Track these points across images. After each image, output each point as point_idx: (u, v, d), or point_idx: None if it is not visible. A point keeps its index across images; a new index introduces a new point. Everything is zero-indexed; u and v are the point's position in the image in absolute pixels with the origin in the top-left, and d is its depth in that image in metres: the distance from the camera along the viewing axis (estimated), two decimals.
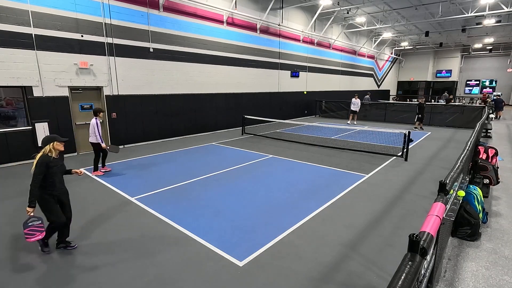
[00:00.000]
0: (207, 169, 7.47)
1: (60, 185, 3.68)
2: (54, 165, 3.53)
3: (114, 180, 6.60)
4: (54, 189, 3.58)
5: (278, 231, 4.30)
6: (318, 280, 3.24)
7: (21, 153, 8.05)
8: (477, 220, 4.12)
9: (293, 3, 16.30)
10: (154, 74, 10.83)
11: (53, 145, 3.54)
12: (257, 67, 15.19)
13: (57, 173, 3.58)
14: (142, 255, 3.70)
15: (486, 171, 5.53)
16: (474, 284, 3.25)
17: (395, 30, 24.48)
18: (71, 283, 3.18)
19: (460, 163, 3.53)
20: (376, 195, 5.77)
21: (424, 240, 1.76)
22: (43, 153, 3.50)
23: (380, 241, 4.04)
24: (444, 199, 2.51)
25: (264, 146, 10.49)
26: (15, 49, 7.62)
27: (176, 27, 11.22)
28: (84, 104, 9.23)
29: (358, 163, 8.17)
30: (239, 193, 5.83)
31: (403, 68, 36.01)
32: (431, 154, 9.25)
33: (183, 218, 4.73)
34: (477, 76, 34.20)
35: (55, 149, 3.57)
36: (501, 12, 15.52)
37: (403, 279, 1.43)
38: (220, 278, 3.27)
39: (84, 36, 8.85)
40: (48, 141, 3.52)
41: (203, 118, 12.90)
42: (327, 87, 21.64)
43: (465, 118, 15.91)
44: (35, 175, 3.40)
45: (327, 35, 20.08)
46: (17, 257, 3.67)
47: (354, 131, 13.72)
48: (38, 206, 3.53)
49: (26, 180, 6.62)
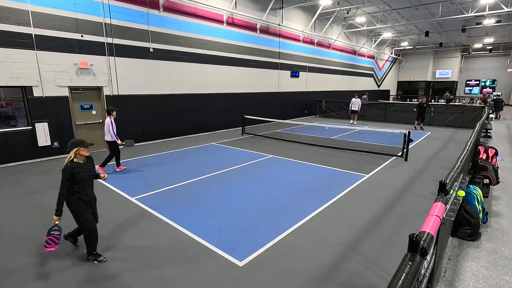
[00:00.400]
0: (207, 169, 7.47)
1: (90, 189, 3.58)
2: (80, 170, 3.41)
3: (114, 180, 6.60)
4: (84, 195, 3.48)
5: (278, 231, 4.30)
6: (318, 280, 3.24)
7: (21, 153, 8.06)
8: (477, 220, 4.12)
9: (293, 3, 16.30)
10: (154, 74, 10.84)
11: (77, 151, 3.41)
12: (257, 67, 15.19)
13: (85, 178, 3.47)
14: (142, 255, 3.70)
15: (486, 171, 5.53)
16: (474, 284, 3.25)
17: (395, 30, 24.48)
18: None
19: (460, 163, 3.53)
20: (376, 195, 5.77)
21: (424, 240, 1.76)
22: (69, 159, 3.41)
23: (380, 241, 4.04)
24: (444, 199, 2.51)
25: (264, 146, 10.49)
26: (15, 49, 7.62)
27: (176, 27, 11.22)
28: (84, 104, 9.23)
29: (358, 163, 8.17)
30: (239, 193, 5.83)
31: (403, 68, 36.01)
32: (431, 154, 9.25)
33: (183, 218, 4.73)
34: (477, 76, 34.19)
35: (80, 154, 3.44)
36: (501, 12, 15.52)
37: (403, 279, 1.43)
38: (220, 278, 3.27)
39: (84, 36, 8.85)
40: (72, 147, 3.41)
41: (203, 118, 12.90)
42: (327, 87, 21.64)
43: (465, 118, 15.91)
44: (62, 183, 3.32)
45: (327, 35, 20.08)
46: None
47: (354, 131, 13.72)
48: (69, 212, 3.45)
49: (25, 181, 6.63)
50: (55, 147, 8.61)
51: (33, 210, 5.04)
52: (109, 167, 7.46)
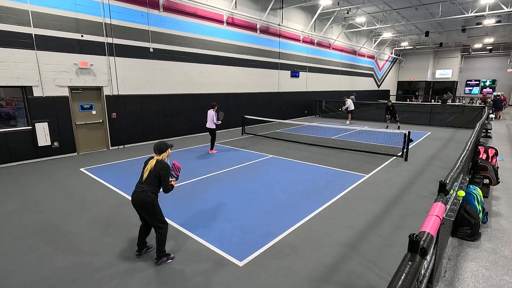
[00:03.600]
0: (207, 169, 7.47)
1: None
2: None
3: (114, 180, 6.60)
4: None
5: (278, 231, 4.30)
6: (318, 280, 3.24)
7: (21, 153, 8.06)
8: (477, 220, 4.12)
9: (293, 3, 16.30)
10: (154, 74, 10.83)
11: (169, 151, 3.62)
12: (257, 67, 15.19)
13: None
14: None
15: (486, 171, 5.53)
16: (474, 284, 3.24)
17: (395, 30, 24.48)
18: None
19: (460, 163, 3.53)
20: (376, 195, 5.77)
21: (424, 240, 1.76)
22: (167, 156, 3.58)
23: (380, 241, 4.04)
24: (444, 199, 2.51)
25: (264, 146, 10.49)
26: (15, 49, 7.62)
27: (176, 27, 11.22)
28: (84, 104, 9.23)
29: (358, 163, 8.17)
30: (239, 193, 5.83)
31: (403, 68, 36.01)
32: (431, 154, 9.25)
33: (183, 218, 4.73)
34: (477, 76, 34.19)
35: (169, 155, 3.64)
36: (501, 12, 15.52)
37: (403, 279, 1.43)
38: (220, 278, 3.27)
39: (84, 36, 8.85)
40: (166, 148, 3.57)
41: (203, 118, 12.86)
42: (327, 87, 21.64)
43: (465, 118, 15.91)
44: (167, 180, 3.49)
45: (327, 35, 20.08)
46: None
47: (354, 131, 13.72)
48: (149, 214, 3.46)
49: (25, 180, 6.63)
50: (55, 147, 8.61)
51: (33, 211, 5.04)
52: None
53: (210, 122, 9.10)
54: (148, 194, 3.39)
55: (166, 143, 3.60)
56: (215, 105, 9.24)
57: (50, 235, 4.22)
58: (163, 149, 3.55)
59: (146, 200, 3.38)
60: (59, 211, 5.00)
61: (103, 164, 8.00)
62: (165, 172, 3.46)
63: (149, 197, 3.39)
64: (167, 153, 3.59)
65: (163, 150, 3.54)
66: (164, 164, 3.49)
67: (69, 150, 8.96)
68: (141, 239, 3.69)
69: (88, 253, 3.76)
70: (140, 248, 3.70)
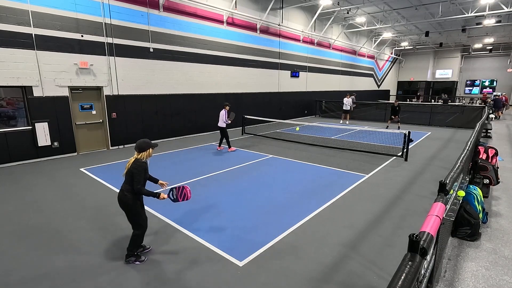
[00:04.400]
0: (207, 169, 7.47)
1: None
2: (147, 170, 3.51)
3: (114, 180, 6.60)
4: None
5: (278, 231, 4.30)
6: (318, 280, 3.24)
7: (21, 153, 8.06)
8: (477, 220, 4.12)
9: (293, 3, 16.29)
10: (154, 74, 10.83)
11: (150, 151, 3.49)
12: (257, 67, 15.19)
13: (147, 178, 3.55)
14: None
15: (486, 171, 5.53)
16: (474, 284, 3.24)
17: (395, 30, 24.48)
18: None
19: (460, 163, 3.53)
20: (376, 195, 5.77)
21: (424, 240, 1.76)
22: (141, 158, 3.42)
23: (380, 241, 4.04)
24: (444, 199, 2.51)
25: (264, 146, 10.49)
26: (15, 49, 7.62)
27: (176, 27, 11.22)
28: (84, 104, 9.23)
29: (358, 163, 8.17)
30: (239, 193, 5.83)
31: (403, 68, 36.01)
32: (431, 154, 9.25)
33: (183, 218, 4.73)
34: (477, 76, 34.19)
35: (150, 155, 3.51)
36: (501, 12, 15.52)
37: (403, 279, 1.43)
38: (220, 278, 3.27)
39: (84, 36, 8.85)
40: (147, 147, 3.44)
41: (203, 118, 12.90)
42: (327, 87, 21.64)
43: (465, 118, 15.91)
44: (139, 180, 3.33)
45: (327, 35, 20.08)
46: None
47: (354, 131, 13.72)
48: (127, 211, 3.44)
49: (25, 180, 6.63)
50: (55, 147, 8.61)
51: (33, 210, 5.04)
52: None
53: (221, 121, 9.51)
54: (124, 193, 3.36)
55: (149, 143, 3.46)
56: (227, 105, 9.63)
57: (50, 235, 4.22)
58: (144, 148, 3.41)
59: (122, 199, 3.38)
60: (59, 211, 5.00)
61: (103, 164, 8.01)
62: (137, 171, 3.32)
63: (125, 196, 3.36)
64: (148, 153, 3.45)
65: (143, 149, 3.41)
66: (138, 163, 3.36)
67: (69, 150, 8.96)
68: None
69: (88, 252, 3.76)
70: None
